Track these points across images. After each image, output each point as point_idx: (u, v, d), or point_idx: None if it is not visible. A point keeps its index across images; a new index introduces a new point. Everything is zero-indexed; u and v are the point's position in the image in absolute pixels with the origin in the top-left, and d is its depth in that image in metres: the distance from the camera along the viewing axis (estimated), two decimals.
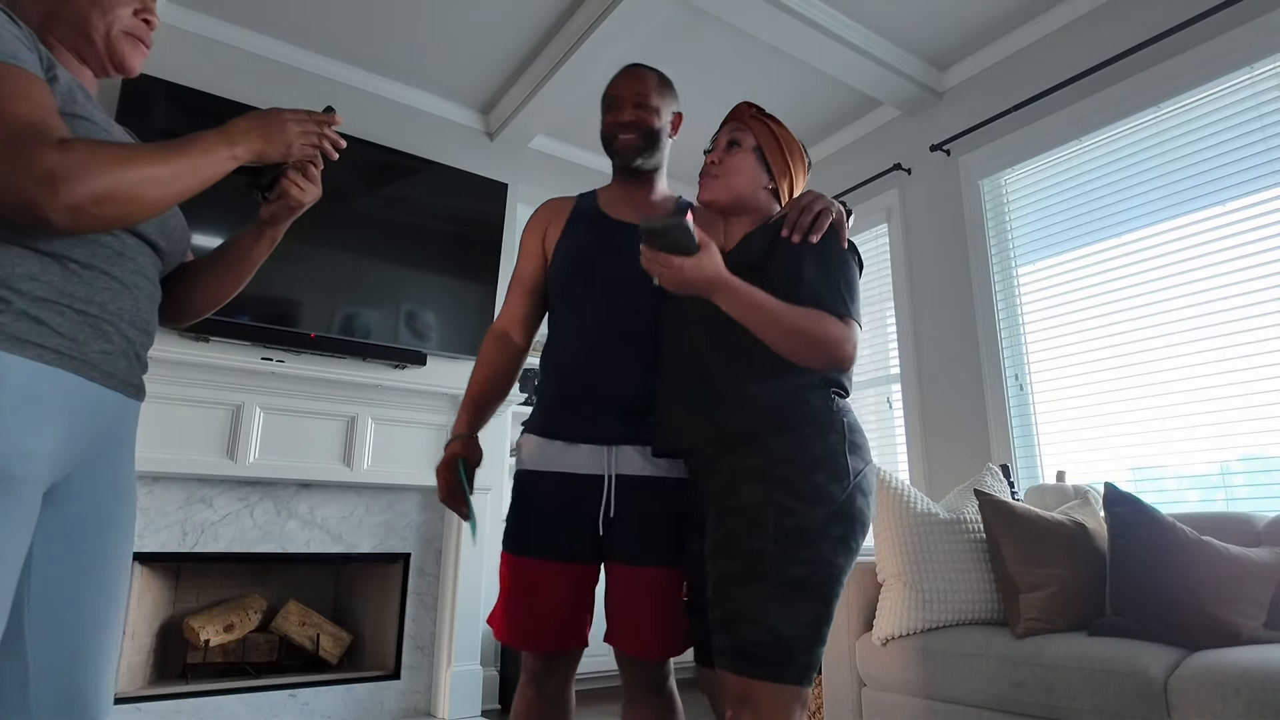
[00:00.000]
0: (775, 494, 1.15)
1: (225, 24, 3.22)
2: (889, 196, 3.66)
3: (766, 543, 1.13)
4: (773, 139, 1.40)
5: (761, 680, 1.11)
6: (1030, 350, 3.00)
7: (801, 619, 1.12)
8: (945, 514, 2.24)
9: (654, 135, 1.50)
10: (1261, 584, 1.77)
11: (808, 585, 1.12)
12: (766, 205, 1.42)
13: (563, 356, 1.45)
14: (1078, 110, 2.92)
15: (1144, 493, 2.58)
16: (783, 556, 1.13)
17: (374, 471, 3.05)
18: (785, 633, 1.11)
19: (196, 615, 2.89)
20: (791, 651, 1.11)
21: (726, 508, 1.20)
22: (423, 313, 3.38)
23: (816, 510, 1.14)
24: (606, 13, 2.89)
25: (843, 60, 3.20)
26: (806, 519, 1.14)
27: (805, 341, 1.15)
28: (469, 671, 3.07)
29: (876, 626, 2.18)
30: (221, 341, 2.94)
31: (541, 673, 1.38)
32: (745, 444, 1.21)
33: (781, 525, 1.14)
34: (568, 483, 1.37)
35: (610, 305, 1.43)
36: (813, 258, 1.24)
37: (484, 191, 3.65)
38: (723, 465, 1.23)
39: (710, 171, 1.39)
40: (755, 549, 1.14)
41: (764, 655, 1.11)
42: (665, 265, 1.13)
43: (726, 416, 1.23)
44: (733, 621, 1.13)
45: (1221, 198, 2.50)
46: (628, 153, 1.50)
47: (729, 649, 1.14)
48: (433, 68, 3.50)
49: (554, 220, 1.57)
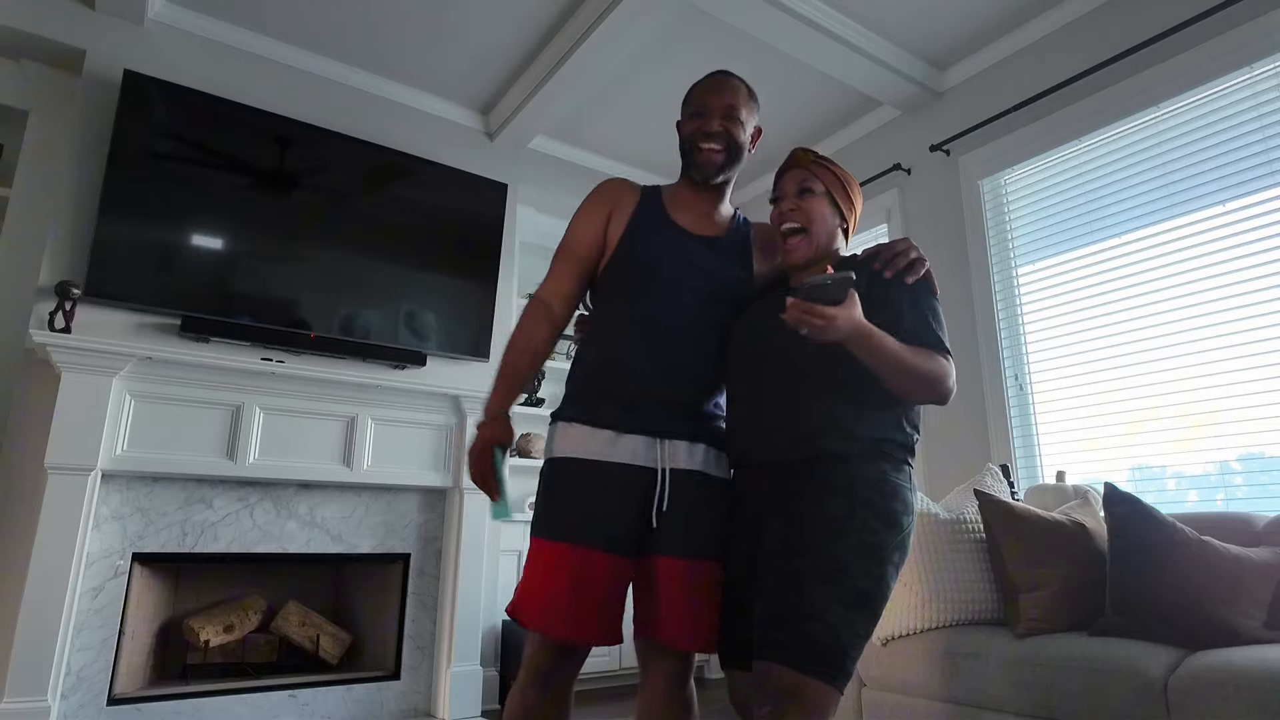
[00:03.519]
0: (861, 511, 1.25)
1: (225, 24, 3.22)
2: (889, 196, 3.66)
3: (847, 552, 1.22)
4: (837, 180, 1.46)
5: (815, 678, 1.17)
6: (1030, 350, 3.00)
7: (858, 629, 1.21)
8: (945, 514, 2.24)
9: (738, 150, 1.51)
10: (1261, 584, 1.77)
11: (870, 599, 1.22)
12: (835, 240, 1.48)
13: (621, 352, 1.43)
14: (1078, 110, 2.92)
15: (1144, 493, 2.58)
16: (858, 568, 1.22)
17: (374, 472, 3.05)
18: (844, 637, 1.19)
19: (196, 616, 2.89)
20: (845, 657, 1.19)
21: (805, 513, 1.27)
22: (423, 313, 3.38)
23: (890, 535, 1.25)
24: (606, 13, 2.88)
25: (843, 60, 3.20)
26: (882, 539, 1.24)
27: (921, 381, 1.27)
28: (469, 672, 3.07)
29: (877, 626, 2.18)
30: (221, 342, 2.94)
31: (551, 670, 1.35)
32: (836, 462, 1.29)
33: (863, 540, 1.23)
34: (617, 473, 1.37)
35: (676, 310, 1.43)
36: (910, 298, 1.35)
37: (484, 192, 3.65)
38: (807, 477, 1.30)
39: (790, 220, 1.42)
40: (836, 554, 1.22)
41: (823, 654, 1.18)
42: (819, 316, 1.18)
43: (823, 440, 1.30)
44: (799, 617, 1.19)
45: (1221, 198, 2.50)
46: (710, 169, 1.48)
47: (788, 643, 1.19)
48: (433, 68, 3.50)
49: (618, 207, 1.51)
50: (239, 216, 3.00)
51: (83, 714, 2.45)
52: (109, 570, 2.58)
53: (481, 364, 3.58)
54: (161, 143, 2.89)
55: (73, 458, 2.47)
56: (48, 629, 2.36)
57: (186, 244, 2.88)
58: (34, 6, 2.87)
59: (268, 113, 3.14)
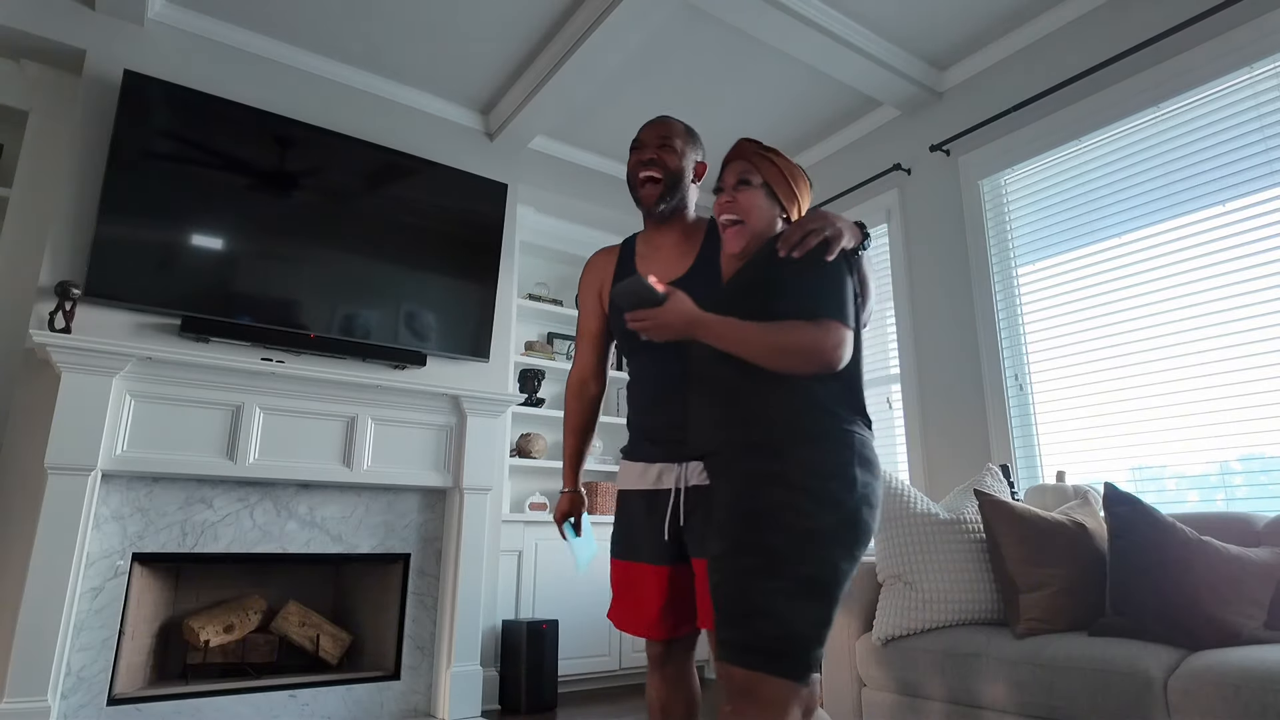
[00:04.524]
0: (793, 497, 1.22)
1: (225, 24, 3.22)
2: (889, 197, 3.66)
3: (782, 542, 1.19)
4: (777, 171, 1.46)
5: (769, 674, 1.15)
6: (1030, 350, 3.00)
7: (809, 617, 1.17)
8: (945, 514, 2.24)
9: (675, 176, 1.59)
10: (1261, 584, 1.77)
11: (817, 585, 1.18)
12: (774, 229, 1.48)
13: (635, 398, 1.65)
14: (1078, 110, 2.92)
15: (1144, 493, 2.58)
16: (798, 555, 1.19)
17: (374, 472, 3.05)
18: (794, 628, 1.17)
19: (196, 616, 2.89)
20: (796, 647, 1.16)
21: (740, 508, 1.26)
22: (423, 313, 3.38)
23: (829, 516, 1.21)
24: (606, 13, 2.88)
25: (843, 60, 3.20)
26: (819, 523, 1.20)
27: (783, 352, 1.24)
28: (469, 671, 3.07)
29: (876, 626, 2.18)
30: (221, 342, 2.94)
31: (661, 657, 1.57)
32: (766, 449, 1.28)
33: (797, 527, 1.20)
34: (648, 498, 1.56)
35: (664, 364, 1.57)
36: (795, 271, 1.32)
37: (484, 192, 3.65)
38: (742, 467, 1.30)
39: (727, 212, 1.45)
40: (772, 545, 1.20)
41: (772, 649, 1.16)
42: (644, 319, 1.29)
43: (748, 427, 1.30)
44: (745, 615, 1.18)
45: (1221, 198, 2.50)
46: (650, 200, 1.60)
47: (736, 641, 1.18)
48: (433, 68, 3.50)
49: (605, 279, 1.71)
50: (239, 216, 3.00)
51: (83, 714, 2.45)
52: (109, 570, 2.58)
53: (481, 364, 3.58)
54: (162, 143, 2.89)
55: (73, 458, 2.47)
56: (48, 629, 2.36)
57: (186, 244, 2.88)
58: (34, 6, 2.87)
59: (268, 113, 3.14)
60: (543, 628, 3.34)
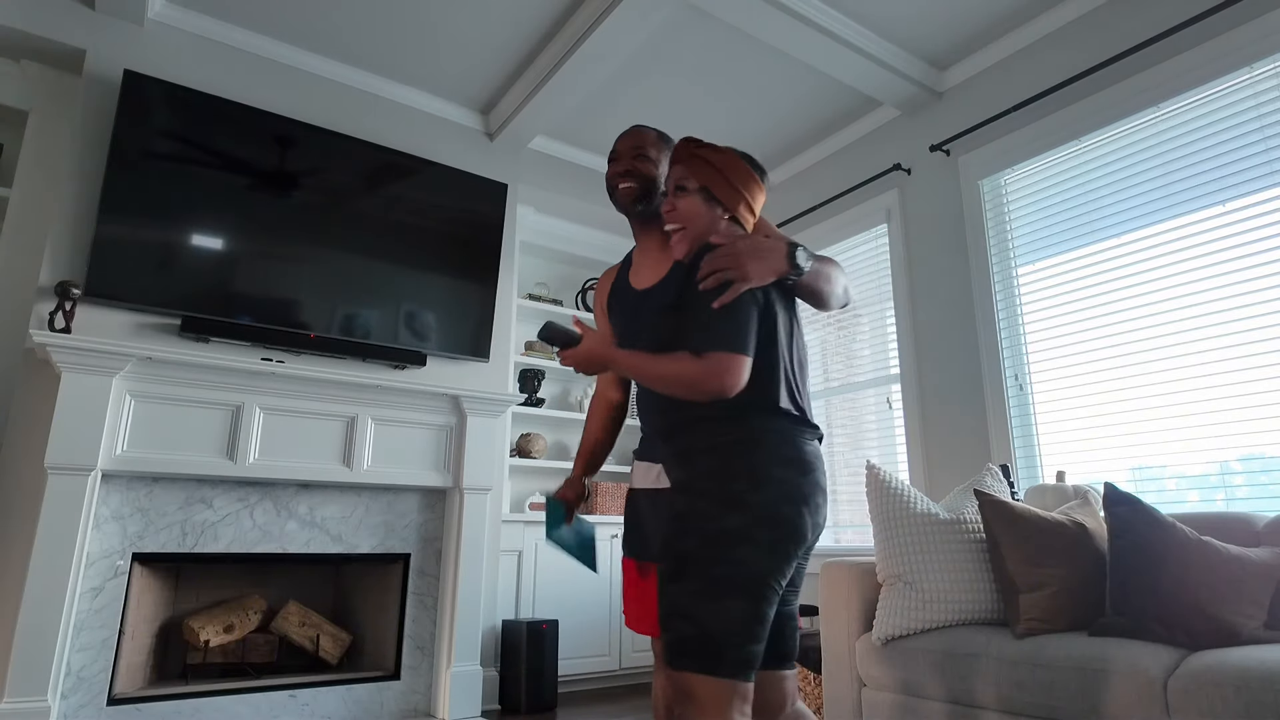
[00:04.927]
0: (699, 502, 1.27)
1: (225, 24, 3.22)
2: (889, 197, 3.66)
3: (692, 545, 1.24)
4: (714, 172, 1.43)
5: (695, 674, 1.19)
6: (1030, 350, 3.00)
7: (728, 615, 1.20)
8: (945, 514, 2.24)
9: (648, 182, 1.63)
10: (1261, 584, 1.77)
11: (731, 584, 1.21)
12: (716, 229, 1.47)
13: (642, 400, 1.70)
14: (1078, 110, 2.92)
15: (1144, 493, 2.58)
16: (706, 557, 1.22)
17: (374, 472, 3.05)
18: (712, 628, 1.19)
19: (196, 616, 2.89)
20: (721, 646, 1.19)
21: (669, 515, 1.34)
22: (423, 313, 3.38)
23: (735, 517, 1.23)
24: (607, 13, 2.89)
25: (843, 60, 3.20)
26: (727, 524, 1.23)
27: (671, 385, 1.29)
28: (469, 671, 3.07)
29: (876, 626, 2.18)
30: (221, 342, 2.94)
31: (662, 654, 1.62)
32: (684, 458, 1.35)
33: (704, 530, 1.24)
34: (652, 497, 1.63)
35: None
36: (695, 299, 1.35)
37: (484, 192, 3.65)
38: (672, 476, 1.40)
39: (669, 220, 1.46)
40: (682, 550, 1.25)
41: (694, 649, 1.19)
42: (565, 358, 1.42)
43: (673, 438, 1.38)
44: (668, 618, 1.24)
45: (1221, 198, 2.50)
46: (626, 200, 1.63)
47: (666, 644, 1.23)
48: (433, 68, 3.50)
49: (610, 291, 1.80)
50: (239, 216, 3.00)
51: (83, 714, 2.45)
52: (109, 570, 2.58)
53: (481, 364, 3.58)
54: (161, 143, 2.89)
55: (73, 458, 2.47)
56: (48, 629, 2.36)
57: (187, 244, 2.88)
58: (34, 6, 2.87)
59: (268, 113, 3.14)
60: (543, 628, 3.34)
